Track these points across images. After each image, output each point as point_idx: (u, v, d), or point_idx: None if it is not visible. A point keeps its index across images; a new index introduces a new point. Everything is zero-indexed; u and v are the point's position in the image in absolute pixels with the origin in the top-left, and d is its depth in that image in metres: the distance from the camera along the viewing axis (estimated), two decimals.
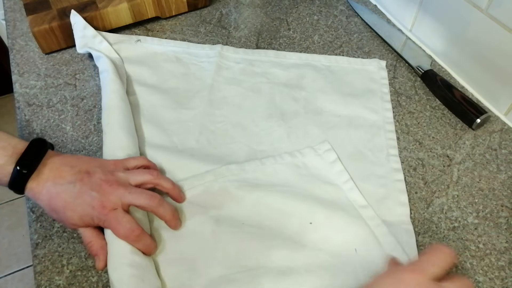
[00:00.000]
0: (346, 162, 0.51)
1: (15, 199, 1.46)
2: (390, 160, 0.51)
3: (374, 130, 0.55)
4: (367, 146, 0.53)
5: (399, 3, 0.70)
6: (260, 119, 0.56)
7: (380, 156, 0.52)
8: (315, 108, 0.57)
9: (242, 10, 0.75)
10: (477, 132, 0.56)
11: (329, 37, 0.70)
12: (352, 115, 0.56)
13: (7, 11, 0.74)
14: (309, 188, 0.48)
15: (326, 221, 0.45)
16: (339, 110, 0.57)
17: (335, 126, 0.55)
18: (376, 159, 0.51)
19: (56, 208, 0.41)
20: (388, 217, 0.46)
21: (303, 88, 0.60)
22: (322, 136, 0.54)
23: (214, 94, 0.59)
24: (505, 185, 0.50)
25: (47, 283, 0.42)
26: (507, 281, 0.43)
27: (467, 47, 0.60)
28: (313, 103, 0.58)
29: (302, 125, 0.55)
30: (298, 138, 0.54)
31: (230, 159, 0.51)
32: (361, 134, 0.54)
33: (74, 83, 0.61)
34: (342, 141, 0.53)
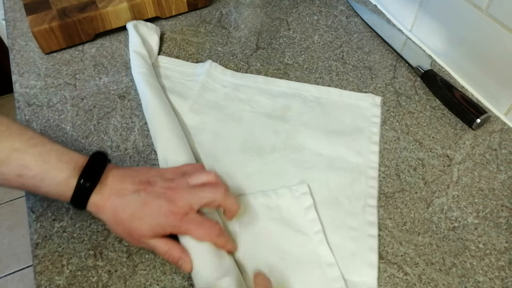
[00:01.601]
0: (319, 208, 0.47)
1: (15, 199, 1.46)
2: (367, 211, 0.47)
3: (355, 175, 0.50)
4: (345, 193, 0.49)
5: (399, 3, 0.70)
6: (235, 150, 0.52)
7: (357, 205, 0.48)
8: (296, 144, 0.53)
9: (242, 10, 0.75)
10: (477, 132, 0.56)
11: (329, 37, 0.70)
12: (334, 156, 0.52)
13: (7, 11, 0.74)
14: (278, 235, 0.45)
15: (287, 277, 0.42)
16: (321, 149, 0.53)
17: (313, 166, 0.51)
18: (352, 208, 0.47)
19: (122, 221, 0.39)
20: (354, 277, 0.42)
21: (287, 121, 0.56)
22: (298, 176, 0.50)
23: (192, 117, 0.56)
24: (505, 185, 0.50)
25: (47, 283, 0.42)
26: (507, 281, 0.43)
27: (467, 47, 0.60)
28: (294, 138, 0.54)
29: (278, 162, 0.51)
30: (271, 176, 0.50)
31: None
32: (340, 178, 0.50)
33: (74, 83, 0.61)
34: (319, 184, 0.49)
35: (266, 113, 0.57)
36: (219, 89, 0.60)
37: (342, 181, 0.50)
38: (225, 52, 0.67)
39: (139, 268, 0.43)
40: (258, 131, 0.55)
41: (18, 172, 0.38)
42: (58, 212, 0.47)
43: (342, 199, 0.48)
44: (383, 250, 0.45)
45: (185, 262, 0.39)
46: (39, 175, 0.38)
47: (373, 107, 0.58)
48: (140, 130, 0.56)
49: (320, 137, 0.54)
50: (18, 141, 0.38)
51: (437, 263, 0.44)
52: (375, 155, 0.53)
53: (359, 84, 0.62)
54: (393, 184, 0.51)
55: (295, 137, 0.54)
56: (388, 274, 0.43)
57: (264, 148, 0.53)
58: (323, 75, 0.63)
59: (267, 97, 0.59)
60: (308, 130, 0.55)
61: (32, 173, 0.38)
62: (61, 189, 0.39)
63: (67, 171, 0.39)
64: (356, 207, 0.47)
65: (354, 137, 0.54)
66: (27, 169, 0.38)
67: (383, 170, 0.52)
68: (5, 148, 0.38)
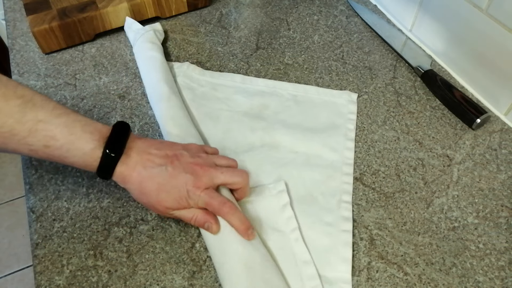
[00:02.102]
0: (295, 205, 0.47)
1: (15, 199, 1.46)
2: (341, 207, 0.47)
3: (330, 171, 0.51)
4: (320, 189, 0.49)
5: (399, 3, 0.70)
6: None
7: (332, 201, 0.48)
8: (272, 142, 0.53)
9: (242, 10, 0.75)
10: (477, 132, 0.56)
11: (329, 37, 0.70)
12: (309, 153, 0.52)
13: (7, 11, 0.74)
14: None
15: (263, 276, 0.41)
16: (297, 146, 0.53)
17: (289, 164, 0.51)
18: (327, 204, 0.48)
19: (148, 191, 0.41)
20: (328, 273, 0.42)
21: (264, 119, 0.56)
22: (274, 173, 0.50)
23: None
24: (505, 185, 0.50)
25: (47, 283, 0.42)
26: (507, 281, 0.43)
27: (467, 47, 0.60)
28: (271, 136, 0.54)
29: (255, 160, 0.51)
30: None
31: None
32: (315, 175, 0.50)
33: (74, 83, 0.61)
34: (294, 181, 0.49)
35: (243, 112, 0.57)
36: (196, 88, 0.60)
37: (317, 177, 0.50)
38: (225, 52, 0.67)
39: (139, 268, 0.43)
40: (235, 130, 0.55)
41: (44, 142, 0.39)
42: (58, 212, 0.47)
43: (317, 195, 0.49)
44: (383, 250, 0.45)
45: (211, 224, 0.42)
46: (65, 146, 0.39)
47: (349, 103, 0.59)
48: (140, 130, 0.56)
49: (296, 134, 0.54)
50: (42, 112, 0.39)
51: (437, 263, 0.44)
52: (350, 151, 0.53)
53: (359, 84, 0.62)
54: (393, 184, 0.51)
55: (271, 135, 0.54)
56: (388, 274, 0.43)
57: (241, 146, 0.53)
58: (323, 75, 0.63)
59: (244, 96, 0.59)
60: (284, 128, 0.55)
61: (58, 143, 0.39)
62: (87, 160, 0.40)
63: (92, 142, 0.40)
64: (331, 203, 0.48)
65: (329, 134, 0.55)
66: (54, 140, 0.39)
67: (383, 170, 0.52)
68: (30, 119, 0.38)
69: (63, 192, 0.49)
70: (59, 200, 0.48)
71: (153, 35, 0.63)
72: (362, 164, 0.52)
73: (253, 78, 0.62)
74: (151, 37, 0.63)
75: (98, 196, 0.49)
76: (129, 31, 0.66)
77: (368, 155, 0.54)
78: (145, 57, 0.60)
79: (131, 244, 0.45)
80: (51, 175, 0.51)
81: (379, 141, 0.55)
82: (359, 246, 0.45)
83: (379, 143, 0.55)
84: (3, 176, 1.52)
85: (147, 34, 0.63)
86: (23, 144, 0.38)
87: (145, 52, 0.61)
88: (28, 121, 0.38)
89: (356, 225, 0.47)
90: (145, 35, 0.63)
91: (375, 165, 0.52)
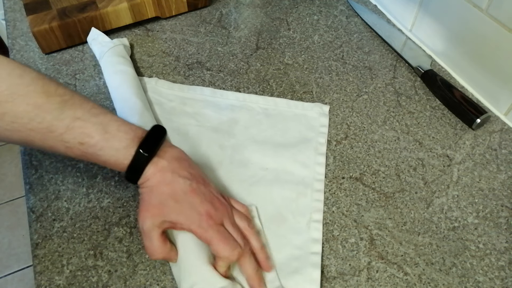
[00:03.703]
0: (265, 225, 0.46)
1: (15, 199, 1.46)
2: (311, 227, 0.46)
3: (301, 188, 0.49)
4: (290, 208, 0.48)
5: (399, 3, 0.70)
6: None
7: (302, 221, 0.47)
8: (242, 159, 0.52)
9: (242, 10, 0.75)
10: (477, 132, 0.56)
11: (329, 37, 0.70)
12: (279, 169, 0.51)
13: (7, 11, 0.74)
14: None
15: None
16: (267, 163, 0.52)
17: (259, 181, 0.50)
18: (297, 224, 0.46)
19: (160, 193, 0.40)
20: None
21: (234, 135, 0.55)
22: (244, 192, 0.49)
23: None
24: (505, 185, 0.50)
25: (47, 283, 0.42)
26: (507, 281, 0.43)
27: (467, 47, 0.60)
28: (240, 153, 0.52)
29: (224, 179, 0.50)
30: None
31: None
32: (285, 192, 0.49)
33: (74, 83, 0.61)
34: (264, 200, 0.48)
35: (213, 127, 0.55)
36: (165, 103, 0.58)
37: (287, 195, 0.49)
38: (225, 52, 0.67)
39: (139, 268, 0.43)
40: (204, 146, 0.53)
41: (80, 140, 0.39)
42: (58, 212, 0.47)
43: (287, 214, 0.47)
44: (383, 250, 0.45)
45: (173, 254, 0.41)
46: (100, 143, 0.39)
47: (321, 116, 0.57)
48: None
49: (266, 150, 0.53)
50: (80, 110, 0.39)
51: (437, 263, 0.44)
52: (321, 166, 0.52)
53: (359, 84, 0.62)
54: (393, 184, 0.51)
55: (241, 151, 0.53)
56: (388, 274, 0.43)
57: (209, 164, 0.51)
58: (323, 75, 0.63)
59: (214, 110, 0.58)
60: (254, 144, 0.54)
61: (93, 141, 0.39)
62: (119, 158, 0.40)
63: (126, 141, 0.40)
64: (301, 223, 0.47)
65: (300, 149, 0.53)
66: (89, 137, 0.39)
67: (383, 170, 0.52)
68: (68, 116, 0.38)
69: (63, 192, 0.49)
70: (59, 200, 0.48)
71: (122, 49, 0.61)
72: (362, 164, 0.52)
73: (223, 91, 0.60)
74: (120, 51, 0.61)
75: (98, 196, 0.49)
76: (94, 43, 0.63)
77: (368, 155, 0.54)
78: (116, 71, 0.58)
79: (131, 244, 0.45)
80: (51, 175, 0.51)
81: (379, 141, 0.55)
82: (359, 246, 0.45)
83: (379, 143, 0.55)
84: (3, 176, 1.52)
85: (117, 48, 0.61)
86: (59, 141, 0.39)
87: (115, 66, 0.58)
88: (65, 118, 0.38)
89: (356, 225, 0.47)
90: (115, 48, 0.61)
91: (375, 165, 0.52)
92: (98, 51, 0.62)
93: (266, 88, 0.61)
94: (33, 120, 0.37)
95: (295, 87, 0.62)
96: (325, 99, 0.60)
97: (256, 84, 0.62)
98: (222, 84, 0.62)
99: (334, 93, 0.61)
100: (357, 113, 0.58)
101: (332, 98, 0.60)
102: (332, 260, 0.44)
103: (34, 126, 0.38)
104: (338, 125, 0.57)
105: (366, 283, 0.43)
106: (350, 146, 0.55)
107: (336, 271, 0.43)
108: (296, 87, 0.62)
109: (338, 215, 0.48)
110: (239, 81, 0.62)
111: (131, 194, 0.49)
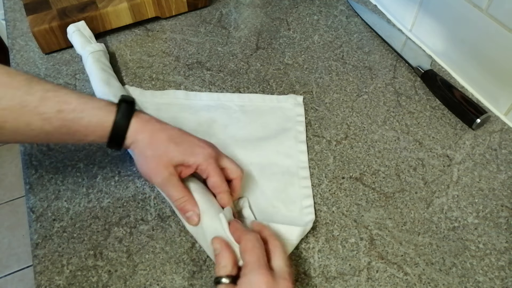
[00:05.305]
0: (258, 217, 0.46)
1: (15, 199, 1.46)
2: (303, 212, 0.47)
3: (287, 178, 0.50)
4: (280, 198, 0.48)
5: (399, 3, 0.70)
6: None
7: (294, 208, 0.47)
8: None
9: (242, 10, 0.75)
10: (477, 132, 0.56)
11: (329, 37, 0.70)
12: (264, 162, 0.51)
13: (7, 11, 0.74)
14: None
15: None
16: (251, 158, 0.52)
17: (246, 177, 0.49)
18: (289, 212, 0.47)
19: (157, 142, 0.41)
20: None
21: (214, 135, 0.54)
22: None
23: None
24: (505, 185, 0.50)
25: (47, 283, 0.42)
26: (507, 281, 0.43)
27: (467, 47, 0.60)
28: (223, 152, 0.49)
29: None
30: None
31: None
32: (273, 184, 0.50)
33: (74, 83, 0.61)
34: (254, 194, 0.49)
35: (192, 129, 0.52)
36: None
37: (275, 186, 0.50)
38: (225, 52, 0.67)
39: (139, 268, 0.43)
40: None
41: (57, 108, 0.39)
42: (58, 212, 0.47)
43: (278, 204, 0.48)
44: (383, 250, 0.45)
45: (194, 215, 0.41)
46: (79, 107, 0.39)
47: (296, 106, 0.58)
48: None
49: (248, 146, 0.53)
50: (48, 84, 0.40)
51: (437, 263, 0.44)
52: (303, 154, 0.53)
53: (359, 84, 0.62)
54: (393, 184, 0.51)
55: (223, 150, 0.50)
56: (388, 274, 0.43)
57: None
58: (323, 75, 0.63)
59: (190, 113, 0.57)
60: (235, 141, 0.54)
61: (71, 106, 0.39)
62: (102, 116, 0.40)
63: (104, 102, 0.41)
64: (293, 210, 0.48)
65: (280, 140, 0.54)
66: (66, 104, 0.39)
67: (383, 170, 0.52)
68: (39, 90, 0.38)
69: (63, 192, 0.49)
70: (59, 200, 0.48)
71: (106, 56, 0.62)
72: (362, 164, 0.52)
73: (197, 92, 0.60)
74: (105, 56, 0.61)
75: (98, 196, 0.49)
76: (77, 34, 0.62)
77: (368, 155, 0.54)
78: (101, 78, 0.57)
79: (131, 244, 0.45)
80: (51, 175, 0.51)
81: (379, 141, 0.55)
82: (359, 246, 0.45)
83: (379, 143, 0.55)
84: (3, 176, 1.52)
85: (102, 53, 0.61)
86: (35, 114, 0.38)
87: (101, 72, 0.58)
88: (36, 92, 0.38)
89: (356, 225, 0.47)
90: (100, 53, 0.60)
91: (375, 165, 0.52)
92: (79, 42, 0.61)
93: (266, 88, 0.61)
94: (3, 98, 0.37)
95: (295, 87, 0.62)
96: (325, 99, 0.60)
97: (256, 84, 0.62)
98: (222, 84, 0.62)
99: (334, 93, 0.61)
100: (357, 113, 0.58)
101: (332, 98, 0.60)
102: (332, 260, 0.44)
103: (5, 104, 0.37)
104: (338, 125, 0.57)
105: (366, 283, 0.43)
106: (350, 146, 0.55)
107: (336, 271, 0.43)
108: (296, 87, 0.62)
109: (338, 215, 0.48)
110: (239, 81, 0.62)
111: (131, 194, 0.49)
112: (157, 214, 0.47)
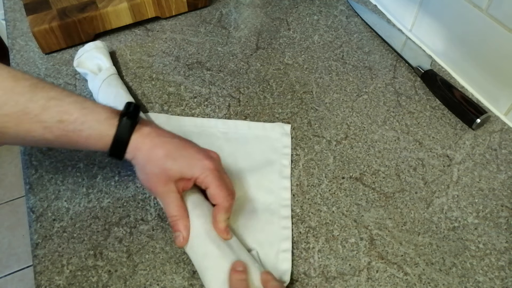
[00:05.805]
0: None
1: (15, 199, 1.46)
2: (279, 259, 0.43)
3: (267, 216, 0.47)
4: (256, 239, 0.45)
5: (399, 3, 0.70)
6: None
7: (270, 253, 0.44)
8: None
9: (242, 10, 0.75)
10: (477, 132, 0.56)
11: (329, 37, 0.70)
12: (244, 197, 0.48)
13: (7, 11, 0.74)
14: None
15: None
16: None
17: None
18: (265, 256, 0.43)
19: (156, 158, 0.40)
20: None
21: None
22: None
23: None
24: (505, 185, 0.50)
25: (47, 283, 0.42)
26: (507, 281, 0.43)
27: (467, 47, 0.60)
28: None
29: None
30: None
31: None
32: (251, 222, 0.46)
33: (74, 83, 0.61)
34: (230, 229, 0.43)
35: None
36: None
37: (253, 225, 0.46)
38: (225, 52, 0.67)
39: (139, 268, 0.43)
40: None
41: (58, 118, 0.38)
42: (58, 212, 0.47)
43: (255, 246, 0.44)
44: (383, 250, 0.45)
45: (180, 236, 0.41)
46: (80, 118, 0.39)
47: (283, 136, 0.55)
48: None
49: (230, 178, 0.48)
50: (52, 91, 0.39)
51: (437, 263, 0.44)
52: (286, 191, 0.49)
53: (359, 84, 0.62)
54: (393, 184, 0.51)
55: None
56: (388, 274, 0.43)
57: None
58: (323, 75, 0.63)
59: None
60: None
61: (72, 117, 0.39)
62: (103, 129, 0.40)
63: (106, 113, 0.40)
64: (269, 255, 0.44)
65: (264, 174, 0.51)
66: (68, 114, 0.39)
67: (383, 170, 0.52)
68: (42, 97, 0.38)
69: (63, 192, 0.49)
70: (59, 200, 0.48)
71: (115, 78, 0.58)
72: (362, 164, 0.53)
73: (180, 117, 0.57)
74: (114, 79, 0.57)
75: (98, 196, 0.49)
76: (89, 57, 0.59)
77: (368, 155, 0.54)
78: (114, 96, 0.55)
79: (131, 244, 0.45)
80: (51, 175, 0.51)
81: (379, 141, 0.55)
82: (359, 246, 0.45)
83: (379, 143, 0.55)
84: (3, 176, 1.52)
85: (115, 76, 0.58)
86: (36, 122, 0.38)
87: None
88: (40, 99, 0.38)
89: (356, 225, 0.47)
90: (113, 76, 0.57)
91: (375, 165, 0.52)
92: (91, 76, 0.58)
93: (266, 88, 0.61)
94: (6, 104, 0.37)
95: (295, 87, 0.62)
96: (325, 99, 0.60)
97: (256, 84, 0.62)
98: (222, 84, 0.62)
99: (334, 93, 0.61)
100: (357, 113, 0.58)
101: (332, 98, 0.60)
102: (332, 260, 0.44)
103: (8, 110, 0.37)
104: (338, 125, 0.57)
105: (366, 283, 0.43)
106: (350, 146, 0.55)
107: (336, 271, 0.43)
108: (296, 87, 0.62)
109: (338, 215, 0.48)
110: (239, 81, 0.62)
111: (131, 194, 0.49)
112: (157, 214, 0.47)
